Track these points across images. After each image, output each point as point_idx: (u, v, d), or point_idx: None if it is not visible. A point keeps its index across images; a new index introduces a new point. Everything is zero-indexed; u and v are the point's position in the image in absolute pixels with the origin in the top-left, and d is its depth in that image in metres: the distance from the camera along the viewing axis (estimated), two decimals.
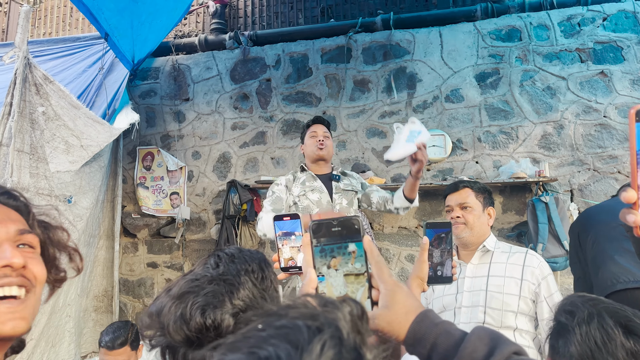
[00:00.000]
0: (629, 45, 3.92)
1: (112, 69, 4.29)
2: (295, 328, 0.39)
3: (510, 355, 0.62)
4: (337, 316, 0.41)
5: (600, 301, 1.05)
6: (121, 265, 4.62)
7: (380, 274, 0.72)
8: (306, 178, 2.88)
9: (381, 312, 0.70)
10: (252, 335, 0.39)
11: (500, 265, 2.04)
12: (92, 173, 3.80)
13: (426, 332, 0.68)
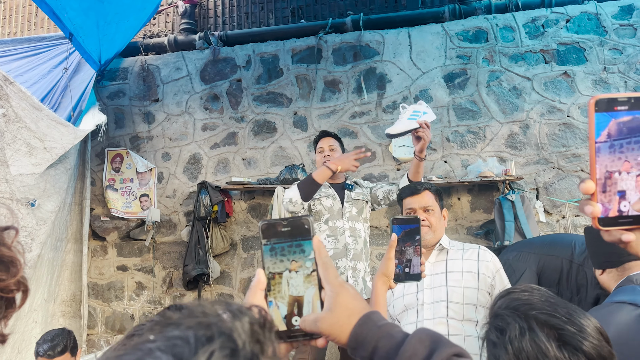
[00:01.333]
0: (591, 46, 4.02)
1: (79, 70, 4.22)
2: (184, 339, 0.38)
3: (450, 357, 0.61)
4: (234, 325, 0.41)
5: (530, 307, 1.01)
6: (90, 269, 4.54)
7: (327, 275, 0.71)
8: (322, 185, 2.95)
9: (324, 315, 0.69)
10: (141, 347, 0.38)
11: (456, 261, 2.08)
12: (57, 175, 3.73)
13: (368, 335, 0.67)
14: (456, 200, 4.07)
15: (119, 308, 4.49)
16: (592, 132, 0.68)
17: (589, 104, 0.68)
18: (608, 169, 0.69)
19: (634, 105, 0.69)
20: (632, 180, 0.69)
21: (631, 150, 0.69)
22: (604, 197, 0.69)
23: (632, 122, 0.69)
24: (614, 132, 0.69)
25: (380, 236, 4.13)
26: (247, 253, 4.33)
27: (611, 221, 0.69)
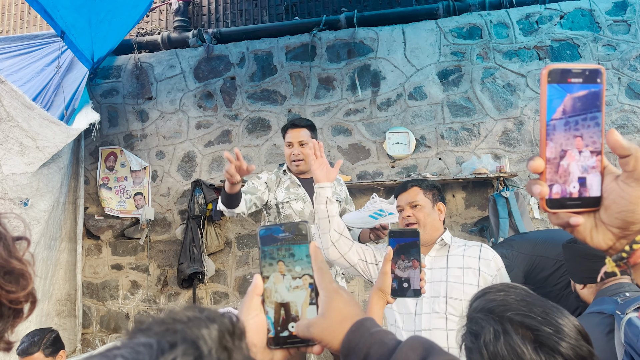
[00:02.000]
0: (585, 42, 4.02)
1: (71, 68, 4.19)
2: (147, 346, 0.38)
3: None
4: (200, 332, 0.40)
5: (505, 309, 0.99)
6: (84, 268, 4.53)
7: (321, 280, 0.71)
8: (290, 184, 2.80)
9: (317, 320, 0.68)
10: (107, 354, 0.38)
11: (457, 257, 2.07)
12: (50, 174, 3.71)
13: (360, 341, 0.66)
14: (451, 197, 4.07)
15: (114, 307, 4.48)
16: (543, 105, 0.65)
17: (541, 74, 0.64)
18: (563, 147, 0.65)
19: (587, 78, 0.65)
20: (586, 160, 0.66)
21: (586, 128, 0.65)
22: (556, 177, 0.66)
23: (587, 97, 0.65)
24: (569, 108, 0.65)
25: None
26: (242, 251, 4.32)
27: (559, 203, 0.66)
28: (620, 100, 3.92)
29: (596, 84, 0.65)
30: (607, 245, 0.64)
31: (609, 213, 0.63)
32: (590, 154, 0.65)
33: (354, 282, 4.08)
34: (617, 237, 0.63)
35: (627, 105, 3.90)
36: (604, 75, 0.65)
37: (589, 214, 0.66)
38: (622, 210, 0.61)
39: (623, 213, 0.61)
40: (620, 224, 0.62)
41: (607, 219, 0.63)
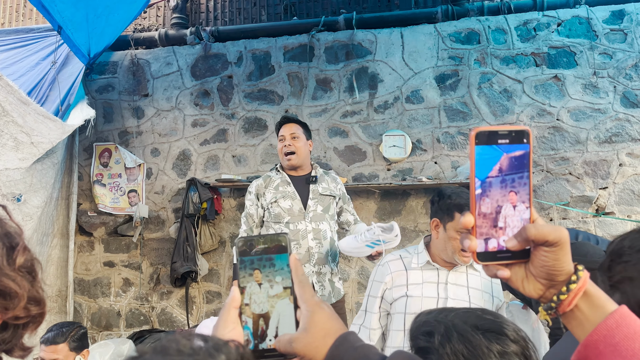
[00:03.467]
0: (582, 50, 4.05)
1: (67, 63, 4.15)
2: None
3: None
4: None
5: (449, 311, 1.02)
6: (76, 265, 4.50)
7: (303, 293, 0.70)
8: (280, 182, 2.77)
9: (299, 335, 0.68)
10: None
11: (476, 278, 1.96)
12: (44, 170, 3.68)
13: (344, 356, 0.66)
14: None
15: (105, 304, 4.45)
16: (472, 164, 0.67)
17: (470, 136, 0.67)
18: (493, 201, 0.68)
19: (514, 139, 0.67)
20: (515, 215, 0.68)
21: (513, 186, 0.68)
22: (488, 231, 0.68)
23: (516, 158, 0.67)
24: (498, 166, 0.67)
25: None
26: None
27: (490, 256, 0.69)
28: (615, 109, 3.95)
29: (523, 144, 0.67)
30: (537, 295, 0.67)
31: (534, 266, 0.66)
32: (519, 210, 0.68)
33: (347, 285, 4.08)
34: (546, 287, 0.66)
35: (621, 114, 3.93)
36: (530, 136, 0.68)
37: (520, 265, 0.69)
38: (544, 265, 0.65)
39: (546, 267, 0.65)
40: (545, 276, 0.66)
41: (534, 271, 0.67)
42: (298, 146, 2.77)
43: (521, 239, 0.66)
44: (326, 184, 2.86)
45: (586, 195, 3.90)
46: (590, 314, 0.64)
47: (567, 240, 0.64)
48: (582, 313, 0.64)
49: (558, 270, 0.64)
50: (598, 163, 3.93)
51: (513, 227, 0.68)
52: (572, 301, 0.64)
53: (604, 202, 3.90)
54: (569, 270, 0.65)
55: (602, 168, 3.92)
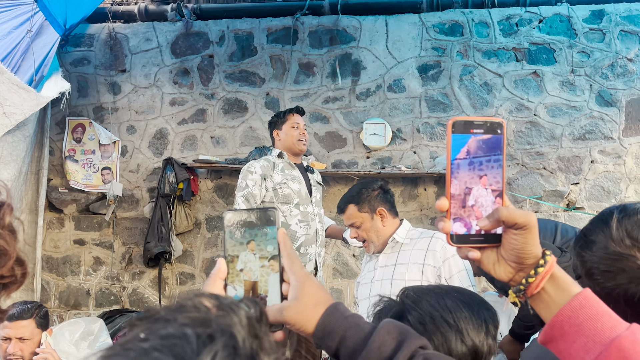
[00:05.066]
0: (561, 47, 4.13)
1: (42, 32, 3.99)
2: (183, 338, 0.35)
3: (416, 349, 0.63)
4: (233, 321, 0.38)
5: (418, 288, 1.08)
6: (45, 242, 4.37)
7: (292, 265, 0.71)
8: (284, 166, 2.82)
9: (290, 304, 0.69)
10: (132, 347, 0.35)
11: (406, 252, 2.07)
12: (15, 143, 3.55)
13: (335, 325, 0.67)
14: (422, 191, 4.13)
15: (74, 283, 4.36)
16: (449, 151, 0.70)
17: (447, 124, 0.70)
18: (467, 186, 0.71)
19: (489, 129, 0.70)
20: (488, 199, 0.71)
21: (489, 169, 0.71)
22: (461, 213, 0.71)
23: (490, 141, 0.70)
24: (472, 149, 0.70)
25: None
26: (211, 233, 4.27)
27: (463, 238, 0.72)
28: (590, 107, 4.05)
29: (497, 134, 0.70)
30: (507, 278, 0.71)
31: (505, 249, 0.70)
32: (492, 194, 0.71)
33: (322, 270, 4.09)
34: (516, 270, 0.69)
35: (596, 112, 4.04)
36: (504, 128, 0.71)
37: (492, 249, 0.72)
38: (514, 248, 0.68)
39: (515, 250, 0.68)
40: (515, 259, 0.68)
41: (505, 254, 0.70)
42: (307, 137, 2.96)
43: (493, 220, 0.68)
44: (316, 174, 3.03)
45: (558, 190, 4.01)
46: (556, 296, 0.67)
47: (536, 225, 0.67)
48: (549, 295, 0.68)
49: (527, 253, 0.67)
50: (571, 159, 4.03)
51: (486, 210, 0.71)
52: (539, 284, 0.67)
53: (574, 197, 4.02)
54: (537, 254, 0.68)
55: (575, 164, 4.02)
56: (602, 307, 0.64)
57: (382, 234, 2.13)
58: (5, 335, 2.20)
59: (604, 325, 0.62)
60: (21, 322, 2.20)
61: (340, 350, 0.67)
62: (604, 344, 0.61)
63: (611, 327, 0.62)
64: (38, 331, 2.27)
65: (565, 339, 0.65)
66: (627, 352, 0.59)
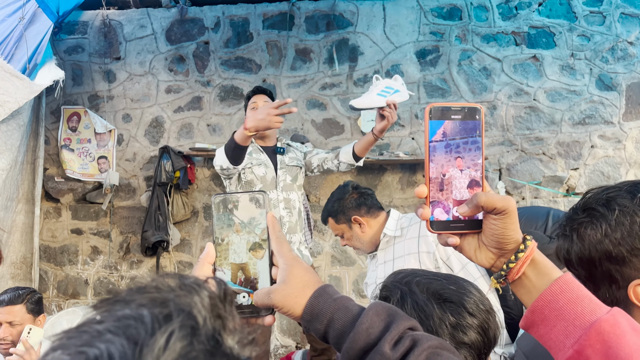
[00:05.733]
0: (561, 31, 4.07)
1: (35, 20, 3.93)
2: (138, 318, 0.34)
3: (405, 330, 0.62)
4: (192, 301, 0.37)
5: (413, 276, 1.01)
6: (42, 231, 4.36)
7: (280, 249, 0.71)
8: (252, 149, 2.73)
9: (277, 287, 0.68)
10: (87, 329, 0.34)
11: (400, 244, 2.04)
12: (9, 132, 3.51)
13: (323, 307, 0.67)
14: (421, 177, 4.10)
15: (72, 272, 4.35)
16: (426, 137, 0.69)
17: (425, 110, 0.69)
18: (444, 168, 0.70)
19: (467, 115, 0.70)
20: (468, 186, 0.71)
21: (467, 151, 0.70)
22: (441, 196, 0.71)
23: (468, 124, 0.70)
24: (449, 131, 0.69)
25: None
26: (209, 221, 4.25)
27: (443, 225, 0.71)
28: (590, 91, 4.01)
29: (475, 120, 0.70)
30: (489, 264, 0.71)
31: (485, 235, 0.70)
32: (471, 177, 0.71)
33: (320, 257, 4.09)
34: (497, 256, 0.70)
35: (596, 96, 4.00)
36: (482, 113, 0.70)
37: (473, 236, 0.72)
38: (494, 233, 0.68)
39: (496, 236, 0.68)
40: (495, 245, 0.69)
41: (485, 240, 0.70)
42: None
43: (472, 206, 0.68)
44: (293, 154, 2.86)
45: (558, 176, 3.98)
46: (536, 281, 0.67)
47: (515, 209, 0.67)
48: (530, 280, 0.68)
49: (507, 239, 0.68)
50: (571, 144, 4.00)
51: (464, 193, 0.71)
52: (520, 269, 0.68)
53: (574, 182, 3.99)
54: (518, 239, 0.68)
55: (575, 149, 3.99)
56: (582, 291, 0.64)
57: (364, 239, 2.14)
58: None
59: (584, 309, 0.62)
60: (12, 307, 2.19)
61: (328, 333, 0.66)
62: (583, 327, 0.60)
63: (591, 311, 0.61)
64: (29, 317, 2.26)
65: (545, 323, 0.65)
66: (606, 335, 0.58)
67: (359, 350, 0.62)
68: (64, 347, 0.33)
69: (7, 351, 2.18)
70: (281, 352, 3.96)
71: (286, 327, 4.04)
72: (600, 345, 0.58)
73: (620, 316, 0.60)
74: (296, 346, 4.00)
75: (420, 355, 0.59)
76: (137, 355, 0.31)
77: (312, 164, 2.85)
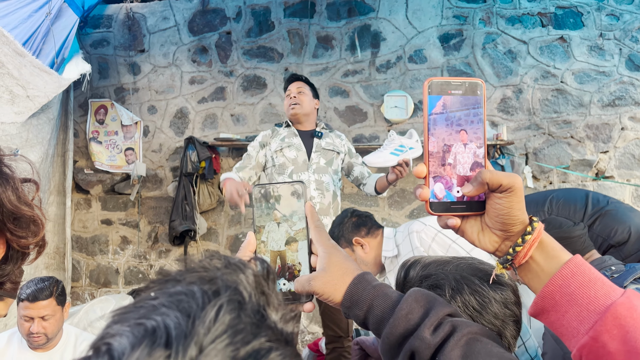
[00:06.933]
0: (589, 11, 3.97)
1: (61, 15, 4.01)
2: (189, 294, 0.37)
3: (444, 317, 0.63)
4: (238, 278, 0.39)
5: (446, 263, 1.01)
6: (73, 222, 4.48)
7: (319, 237, 0.72)
8: (287, 134, 2.82)
9: (317, 274, 0.70)
10: (143, 305, 0.37)
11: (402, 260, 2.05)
12: (40, 125, 3.60)
13: (363, 294, 0.68)
14: None
15: (104, 262, 4.46)
16: (425, 113, 0.66)
17: (423, 85, 0.66)
18: (445, 142, 0.67)
19: (467, 90, 0.67)
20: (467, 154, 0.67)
21: (469, 124, 0.67)
22: (442, 171, 0.68)
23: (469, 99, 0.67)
24: (449, 103, 0.67)
25: (368, 197, 4.13)
26: (234, 210, 4.30)
27: (443, 206, 0.68)
28: (620, 72, 3.91)
29: (476, 95, 0.67)
30: (493, 248, 0.67)
31: (489, 216, 0.67)
32: (473, 151, 0.67)
33: None
34: (502, 239, 0.66)
35: (626, 77, 3.89)
36: (483, 88, 0.67)
37: (476, 218, 0.69)
38: (499, 214, 0.65)
39: (501, 216, 0.65)
40: (500, 227, 0.65)
41: (489, 221, 0.67)
42: (303, 99, 2.83)
43: (477, 184, 0.65)
44: (330, 139, 2.90)
45: (587, 159, 3.90)
46: (545, 265, 0.64)
47: (521, 187, 0.64)
48: (538, 264, 0.64)
49: (513, 219, 0.64)
50: (600, 127, 3.91)
51: (466, 168, 0.68)
52: (527, 252, 0.64)
53: (604, 165, 3.91)
54: (524, 220, 0.65)
55: (604, 132, 3.90)
56: (594, 273, 0.60)
57: (368, 260, 2.12)
58: (27, 315, 2.23)
59: (598, 293, 0.58)
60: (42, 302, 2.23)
61: (368, 319, 0.68)
62: (598, 312, 0.57)
63: (605, 294, 0.58)
64: (59, 308, 2.31)
65: (557, 309, 0.61)
66: (623, 319, 0.55)
67: (398, 335, 0.63)
68: (123, 320, 0.36)
69: (38, 343, 2.25)
70: (308, 338, 4.01)
71: (313, 314, 4.08)
72: (618, 330, 0.55)
73: (635, 298, 0.57)
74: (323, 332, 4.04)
75: (460, 340, 0.59)
76: (190, 326, 0.33)
77: (353, 172, 2.93)
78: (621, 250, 2.18)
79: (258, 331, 0.36)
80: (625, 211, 2.27)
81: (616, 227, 2.19)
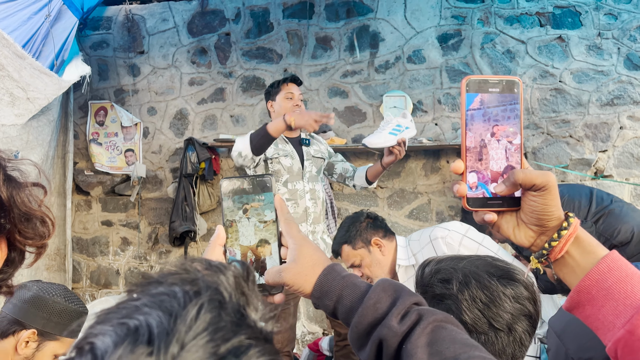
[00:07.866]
0: (587, 10, 3.98)
1: (60, 17, 4.02)
2: (171, 294, 0.38)
3: (411, 306, 0.64)
4: (219, 279, 0.41)
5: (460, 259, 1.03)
6: (74, 224, 4.49)
7: (289, 229, 0.73)
8: (278, 140, 2.72)
9: (288, 266, 0.71)
10: (125, 306, 0.38)
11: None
12: (40, 127, 3.62)
13: (332, 284, 0.69)
14: (445, 163, 4.08)
15: (104, 263, 4.47)
16: (463, 111, 0.67)
17: (461, 83, 0.67)
18: (482, 137, 0.68)
19: (505, 88, 0.68)
20: (507, 161, 0.68)
21: (506, 119, 0.68)
22: (480, 166, 0.69)
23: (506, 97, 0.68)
24: (486, 99, 0.67)
25: (368, 197, 4.14)
26: None
27: (480, 202, 0.69)
28: (618, 71, 3.92)
29: (513, 93, 0.68)
30: (529, 243, 0.68)
31: (525, 212, 0.67)
32: (510, 146, 0.69)
33: None
34: (537, 234, 0.67)
35: (624, 76, 3.90)
36: (521, 86, 0.68)
37: (512, 214, 0.70)
38: (534, 210, 0.66)
39: (536, 213, 0.66)
40: (536, 222, 0.66)
41: (525, 217, 0.68)
42: (302, 107, 2.76)
43: (509, 184, 0.66)
44: (317, 146, 2.88)
45: (585, 158, 3.91)
46: (581, 260, 0.65)
47: (555, 185, 0.65)
48: (574, 259, 0.65)
49: (548, 215, 0.65)
50: (599, 126, 3.92)
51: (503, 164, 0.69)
52: (563, 247, 0.65)
53: (602, 165, 3.92)
54: (559, 216, 0.66)
55: (603, 131, 3.91)
56: (631, 269, 0.62)
57: (384, 264, 2.07)
58: None
59: (635, 288, 0.60)
60: None
61: (337, 309, 0.69)
62: (635, 306, 0.59)
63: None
64: None
65: (593, 304, 0.62)
66: None
67: (367, 324, 0.65)
68: (106, 320, 0.37)
69: None
70: (308, 338, 4.02)
71: (313, 314, 4.09)
72: None
73: None
74: (323, 332, 4.05)
75: (426, 328, 0.61)
76: (172, 324, 0.35)
77: (335, 169, 2.90)
78: (624, 250, 2.19)
79: (238, 329, 0.37)
80: (629, 211, 2.27)
81: (619, 227, 2.19)
